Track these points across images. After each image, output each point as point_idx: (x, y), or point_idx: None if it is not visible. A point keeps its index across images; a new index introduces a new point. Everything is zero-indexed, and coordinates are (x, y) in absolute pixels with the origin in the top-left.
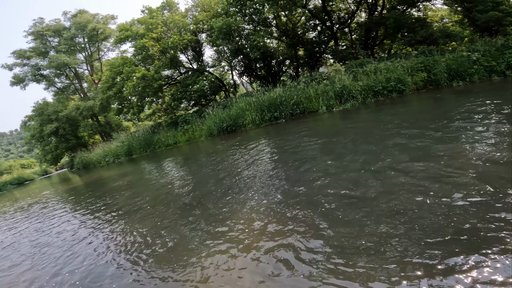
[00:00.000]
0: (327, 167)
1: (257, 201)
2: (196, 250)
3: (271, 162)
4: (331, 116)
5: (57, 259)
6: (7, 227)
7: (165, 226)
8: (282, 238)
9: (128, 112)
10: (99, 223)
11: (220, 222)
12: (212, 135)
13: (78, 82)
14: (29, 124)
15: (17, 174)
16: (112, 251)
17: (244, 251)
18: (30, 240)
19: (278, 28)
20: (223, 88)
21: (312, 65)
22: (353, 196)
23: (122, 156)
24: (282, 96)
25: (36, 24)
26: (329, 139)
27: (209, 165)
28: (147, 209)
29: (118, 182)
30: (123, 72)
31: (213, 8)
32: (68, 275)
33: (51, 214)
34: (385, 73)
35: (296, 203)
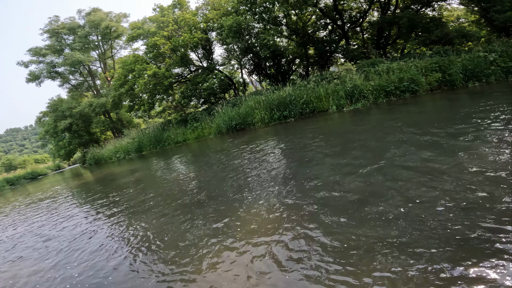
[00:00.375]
0: (333, 168)
1: (262, 201)
2: (198, 247)
3: (278, 161)
4: (341, 116)
5: (59, 252)
6: (18, 220)
7: (170, 222)
8: (284, 238)
9: (139, 109)
10: (105, 218)
11: (223, 220)
12: (221, 133)
13: (92, 79)
14: (44, 120)
15: (31, 168)
16: (115, 245)
17: (245, 249)
18: (36, 234)
19: (288, 26)
20: (232, 87)
21: (322, 64)
22: (356, 198)
23: (133, 152)
24: (292, 95)
25: (51, 22)
26: (337, 139)
27: (216, 163)
28: (154, 205)
29: (127, 178)
30: (135, 70)
31: (223, 7)
32: (69, 268)
33: (60, 208)
34: (398, 73)
35: (301, 203)
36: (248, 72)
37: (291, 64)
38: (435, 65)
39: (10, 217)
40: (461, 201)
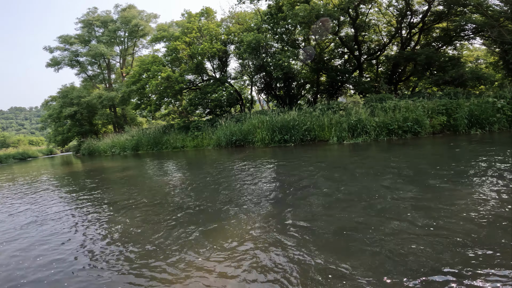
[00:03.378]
0: (322, 196)
1: (249, 217)
2: (170, 251)
3: (270, 182)
4: (340, 148)
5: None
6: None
7: (153, 224)
8: (259, 255)
9: (145, 109)
10: (85, 213)
11: (202, 229)
12: (220, 145)
13: (108, 72)
14: (51, 104)
15: (23, 149)
16: (89, 243)
17: (227, 260)
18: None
19: (306, 51)
20: (239, 102)
21: (331, 93)
22: (338, 226)
23: (129, 150)
24: (296, 120)
25: (89, 13)
26: (332, 170)
27: (210, 174)
28: (135, 205)
29: (117, 174)
30: (150, 70)
31: (246, 22)
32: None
33: (39, 197)
34: (404, 112)
35: (284, 226)
36: (258, 90)
37: (301, 89)
38: (442, 108)
39: None
40: (433, 236)
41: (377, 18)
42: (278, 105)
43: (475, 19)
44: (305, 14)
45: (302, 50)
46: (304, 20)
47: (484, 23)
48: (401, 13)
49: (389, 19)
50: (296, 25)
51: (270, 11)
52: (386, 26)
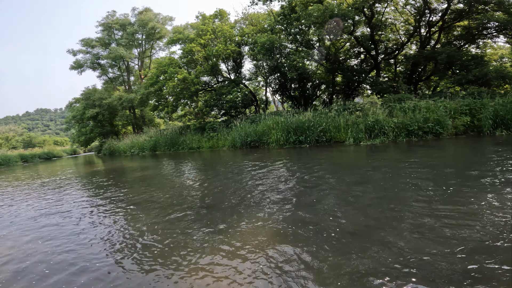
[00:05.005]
0: (337, 199)
1: (264, 217)
2: (187, 250)
3: (284, 182)
4: (356, 150)
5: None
6: (16, 199)
7: (165, 222)
8: (274, 255)
9: (162, 110)
10: (106, 210)
11: (219, 228)
12: (234, 146)
13: (127, 75)
14: (74, 105)
15: (48, 149)
16: (108, 239)
17: (240, 262)
18: (30, 217)
19: (320, 51)
20: (254, 103)
21: (348, 93)
22: (351, 228)
23: (147, 150)
24: (311, 121)
25: (108, 16)
26: (348, 171)
27: (225, 175)
28: (157, 204)
29: (137, 173)
30: (167, 72)
31: (260, 23)
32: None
33: (62, 194)
34: (425, 112)
35: (298, 226)
36: (273, 91)
37: (316, 89)
38: (466, 108)
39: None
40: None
41: (394, 17)
42: (293, 106)
43: (498, 17)
44: (318, 14)
45: (316, 50)
46: (318, 21)
47: (507, 21)
48: (419, 12)
49: (406, 17)
50: (309, 25)
51: (283, 11)
52: (403, 25)
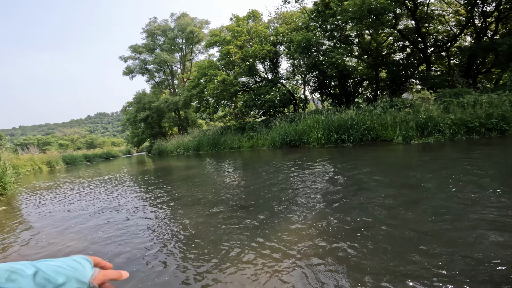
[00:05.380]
0: (384, 204)
1: (303, 217)
2: (230, 247)
3: (326, 183)
4: (407, 149)
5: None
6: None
7: (209, 221)
8: (313, 260)
9: (204, 111)
10: (154, 206)
11: (265, 230)
12: (274, 146)
13: (171, 78)
14: (128, 109)
15: (107, 149)
16: (155, 233)
17: (279, 263)
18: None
19: (360, 46)
20: (293, 102)
21: (394, 89)
22: (399, 235)
23: (191, 150)
24: (354, 119)
25: (150, 23)
26: (396, 172)
27: (267, 174)
28: (199, 202)
29: (182, 172)
30: (207, 74)
31: (294, 22)
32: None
33: (119, 190)
34: (487, 107)
35: (341, 229)
36: (311, 89)
37: (358, 86)
38: None
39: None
40: None
41: (441, 8)
42: (333, 104)
43: None
44: (355, 9)
45: (356, 46)
46: (355, 16)
47: None
48: (469, 2)
49: (456, 8)
50: (346, 21)
51: (317, 8)
52: (453, 16)
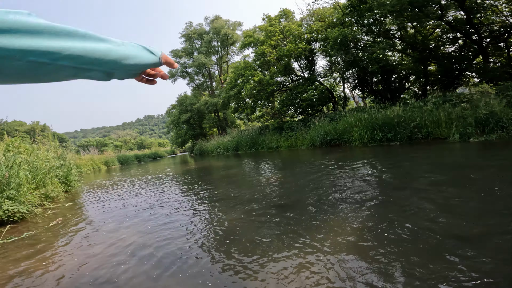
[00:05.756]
0: (437, 204)
1: (342, 218)
2: (268, 248)
3: (370, 184)
4: (464, 147)
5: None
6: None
7: (247, 218)
8: (354, 264)
9: (242, 112)
10: (195, 204)
11: (304, 231)
12: (313, 145)
13: (210, 80)
14: (172, 111)
15: (154, 150)
16: (195, 229)
17: (313, 261)
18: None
19: (403, 40)
20: (332, 100)
21: (446, 83)
22: (451, 243)
23: (230, 150)
24: (401, 116)
25: (187, 28)
26: (453, 173)
27: (306, 175)
28: (238, 201)
29: (222, 172)
30: (244, 75)
31: (328, 18)
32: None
33: (164, 188)
34: None
35: (387, 234)
36: (351, 86)
37: (403, 81)
38: None
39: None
40: None
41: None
42: (376, 100)
43: None
44: (393, 2)
45: (398, 39)
46: (395, 9)
47: None
48: None
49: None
50: (385, 14)
51: (351, 3)
52: (507, 5)
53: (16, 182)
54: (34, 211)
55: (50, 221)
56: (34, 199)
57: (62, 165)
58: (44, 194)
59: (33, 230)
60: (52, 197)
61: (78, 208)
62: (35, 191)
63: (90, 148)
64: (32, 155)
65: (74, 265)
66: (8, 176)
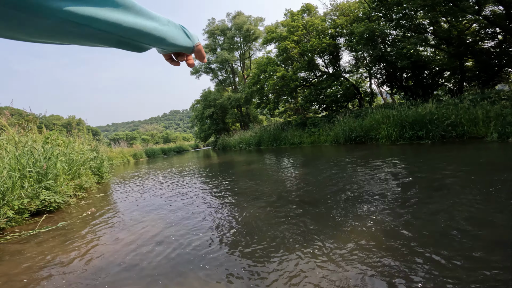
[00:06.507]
0: (466, 204)
1: (371, 223)
2: (284, 243)
3: (397, 183)
4: (503, 147)
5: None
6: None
7: (266, 213)
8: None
9: (265, 107)
10: (216, 197)
11: (324, 228)
12: (337, 142)
13: (233, 76)
14: (196, 106)
15: (179, 144)
16: (217, 222)
17: (331, 259)
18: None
19: (437, 35)
20: (357, 96)
21: (485, 80)
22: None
23: (253, 145)
24: (434, 113)
25: (210, 24)
26: (490, 175)
27: (329, 172)
28: (259, 196)
29: (243, 167)
30: (267, 71)
31: (353, 13)
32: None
33: (186, 181)
34: None
35: (413, 235)
36: (379, 82)
37: (437, 77)
38: None
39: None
40: None
41: None
42: (406, 97)
43: None
44: None
45: (431, 34)
46: (427, 3)
47: None
48: None
49: None
50: (416, 8)
51: None
52: None
53: (53, 173)
54: (69, 201)
55: (83, 212)
56: (69, 190)
57: (95, 157)
58: (78, 185)
59: (68, 220)
60: (86, 188)
61: (109, 199)
62: (71, 182)
63: (120, 142)
64: (68, 148)
65: (104, 253)
66: (46, 167)
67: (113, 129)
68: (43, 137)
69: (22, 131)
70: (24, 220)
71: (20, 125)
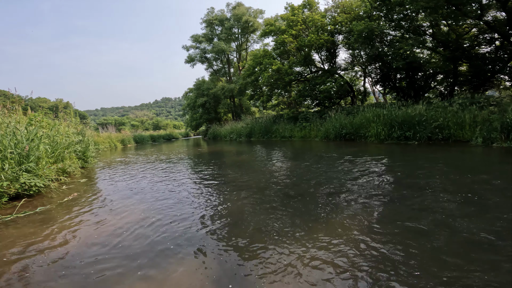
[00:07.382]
0: (448, 205)
1: (351, 212)
2: (270, 233)
3: (381, 180)
4: (486, 152)
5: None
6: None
7: (251, 204)
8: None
9: (258, 99)
10: (203, 186)
11: (309, 222)
12: (327, 138)
13: (228, 67)
14: (189, 95)
15: (169, 131)
16: (200, 210)
17: (316, 253)
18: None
19: (435, 37)
20: (350, 94)
21: (476, 85)
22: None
23: (244, 136)
24: (423, 115)
25: (208, 13)
26: (469, 176)
27: (318, 166)
28: (246, 186)
29: (233, 157)
30: (262, 63)
31: (354, 11)
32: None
33: (174, 168)
34: None
35: (387, 227)
36: (373, 81)
37: (429, 80)
38: None
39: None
40: None
41: None
42: (398, 97)
43: None
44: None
45: (429, 37)
46: (429, 5)
47: None
48: None
49: None
50: (418, 10)
51: None
52: None
53: (35, 155)
54: (50, 185)
55: (64, 196)
56: (51, 173)
57: (81, 140)
58: (61, 169)
59: (47, 204)
60: (69, 172)
61: (92, 184)
62: (53, 165)
63: (108, 126)
64: (53, 130)
65: (82, 237)
66: (29, 149)
67: (101, 114)
68: (27, 119)
69: (6, 112)
70: (3, 204)
71: (4, 106)
